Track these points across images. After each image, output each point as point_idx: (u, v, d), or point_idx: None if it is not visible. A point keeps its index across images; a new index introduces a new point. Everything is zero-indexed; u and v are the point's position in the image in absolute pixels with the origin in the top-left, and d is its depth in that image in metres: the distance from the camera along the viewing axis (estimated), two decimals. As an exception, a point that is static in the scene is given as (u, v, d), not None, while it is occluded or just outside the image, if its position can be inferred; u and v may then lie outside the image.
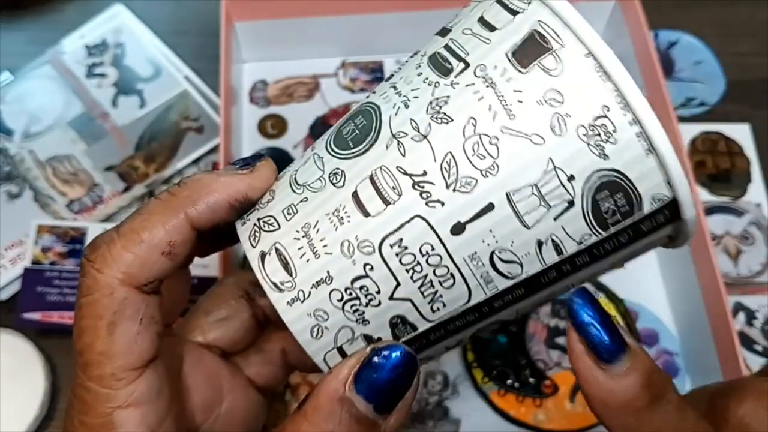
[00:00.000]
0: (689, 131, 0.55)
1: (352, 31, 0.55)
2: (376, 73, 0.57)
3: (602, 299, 0.49)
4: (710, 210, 0.53)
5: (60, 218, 0.51)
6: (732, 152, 0.55)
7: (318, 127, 0.55)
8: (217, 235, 0.24)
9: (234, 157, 0.50)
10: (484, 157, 0.21)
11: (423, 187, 0.21)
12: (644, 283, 0.50)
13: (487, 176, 0.21)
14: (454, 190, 0.21)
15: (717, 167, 0.54)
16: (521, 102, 0.20)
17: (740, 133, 0.55)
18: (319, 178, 0.23)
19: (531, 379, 0.47)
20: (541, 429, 0.46)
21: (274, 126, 0.55)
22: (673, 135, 0.46)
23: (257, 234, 0.23)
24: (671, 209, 0.21)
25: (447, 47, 0.22)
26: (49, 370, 0.46)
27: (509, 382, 0.47)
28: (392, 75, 0.24)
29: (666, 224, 0.22)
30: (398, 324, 0.22)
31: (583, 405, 0.46)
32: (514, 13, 0.22)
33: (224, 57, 0.48)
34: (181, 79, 0.55)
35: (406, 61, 0.24)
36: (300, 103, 0.56)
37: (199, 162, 0.53)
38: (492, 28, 0.22)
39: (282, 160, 0.53)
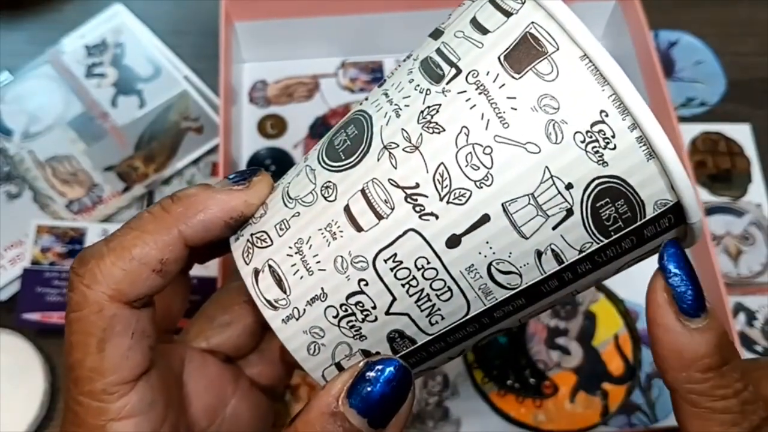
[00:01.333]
0: (689, 131, 0.55)
1: (352, 31, 0.55)
2: (376, 73, 0.57)
3: (602, 299, 0.49)
4: (711, 210, 0.53)
5: (59, 218, 0.51)
6: (732, 152, 0.55)
7: (318, 127, 0.55)
8: (215, 243, 0.24)
9: (233, 157, 0.50)
10: (478, 167, 0.20)
11: (416, 200, 0.20)
12: (644, 283, 0.50)
13: (482, 187, 0.20)
14: (447, 202, 0.20)
15: (717, 167, 0.54)
16: (515, 109, 0.20)
17: (740, 133, 0.55)
18: (310, 192, 0.22)
19: (531, 380, 0.47)
20: (541, 429, 0.46)
21: (273, 126, 0.55)
22: (673, 135, 0.46)
23: (250, 250, 0.23)
24: (675, 213, 0.20)
25: (439, 51, 0.22)
26: (49, 370, 0.46)
27: (509, 382, 0.47)
28: (385, 80, 0.24)
29: (671, 228, 0.21)
30: (396, 338, 0.22)
31: (583, 406, 0.46)
32: (507, 14, 0.21)
33: (224, 57, 0.48)
34: (180, 79, 0.55)
35: (399, 65, 0.23)
36: (300, 103, 0.56)
37: (198, 162, 0.53)
38: (484, 31, 0.21)
39: (282, 160, 0.53)
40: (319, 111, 0.55)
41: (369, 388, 0.21)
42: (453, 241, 0.20)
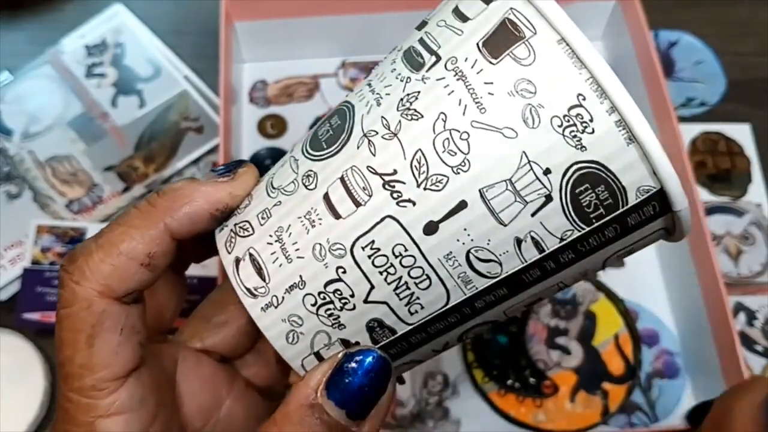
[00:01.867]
0: (689, 131, 0.55)
1: (352, 31, 0.55)
2: (376, 73, 0.57)
3: (603, 299, 0.49)
4: (710, 210, 0.53)
5: (59, 218, 0.51)
6: (732, 152, 0.55)
7: (318, 127, 0.54)
8: (205, 237, 0.24)
9: (234, 157, 0.50)
10: (455, 153, 0.20)
11: (393, 187, 0.20)
12: (644, 283, 0.50)
13: (459, 173, 0.20)
14: (425, 188, 0.20)
15: (717, 167, 0.54)
16: (492, 94, 0.20)
17: (740, 133, 0.55)
18: (292, 181, 0.22)
19: (531, 380, 0.47)
20: (541, 429, 0.46)
21: (273, 126, 0.55)
22: (673, 135, 0.46)
23: (233, 240, 0.23)
24: (660, 200, 0.20)
25: (421, 41, 0.22)
26: (49, 370, 0.46)
27: (509, 382, 0.47)
28: (370, 72, 0.23)
29: (656, 217, 0.20)
30: (376, 328, 0.22)
31: (584, 405, 0.46)
32: (487, 1, 0.21)
33: (224, 57, 0.48)
34: (180, 79, 0.55)
35: (385, 57, 0.23)
36: (300, 103, 0.56)
37: (198, 162, 0.53)
38: (465, 19, 0.21)
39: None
40: (319, 111, 0.55)
41: (347, 380, 0.21)
42: (430, 228, 0.20)
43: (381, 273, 0.21)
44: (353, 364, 0.21)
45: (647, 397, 0.47)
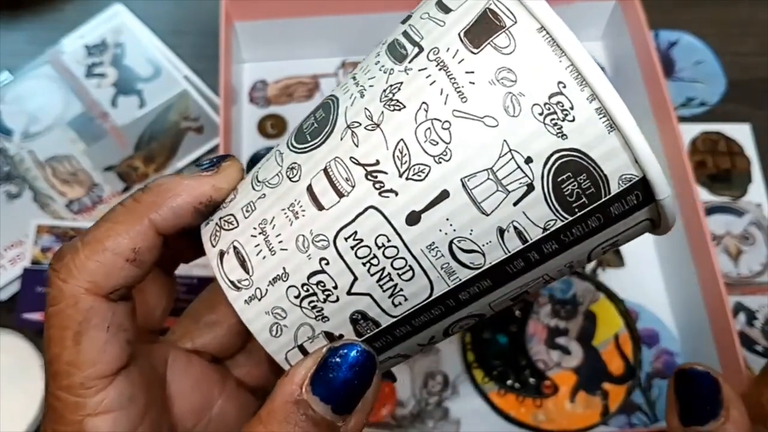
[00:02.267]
0: (690, 131, 0.55)
1: (352, 31, 0.55)
2: (376, 73, 0.57)
3: (602, 299, 0.49)
4: (710, 210, 0.53)
5: (59, 218, 0.51)
6: (732, 152, 0.55)
7: (318, 127, 0.54)
8: (198, 238, 0.24)
9: (234, 157, 0.50)
10: (437, 142, 0.20)
11: (376, 177, 0.20)
12: (644, 283, 0.50)
13: (440, 162, 0.20)
14: (407, 178, 0.20)
15: (717, 167, 0.54)
16: (473, 83, 0.20)
17: (740, 133, 0.55)
18: (277, 174, 0.22)
19: (531, 380, 0.47)
20: (541, 429, 0.46)
21: (274, 126, 0.55)
22: (673, 135, 0.46)
23: (217, 233, 0.23)
24: (643, 189, 0.20)
25: (405, 33, 0.22)
26: (49, 370, 0.46)
27: (509, 382, 0.47)
28: (356, 66, 0.24)
29: (640, 207, 0.20)
30: (359, 320, 0.22)
31: (583, 405, 0.46)
32: None
33: (224, 57, 0.48)
34: (180, 79, 0.55)
35: (371, 52, 0.24)
36: (300, 102, 0.56)
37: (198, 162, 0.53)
38: (447, 10, 0.21)
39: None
40: (319, 111, 0.55)
41: (331, 375, 0.21)
42: (413, 218, 0.20)
43: (364, 264, 0.21)
44: (337, 359, 0.21)
45: (647, 397, 0.47)
